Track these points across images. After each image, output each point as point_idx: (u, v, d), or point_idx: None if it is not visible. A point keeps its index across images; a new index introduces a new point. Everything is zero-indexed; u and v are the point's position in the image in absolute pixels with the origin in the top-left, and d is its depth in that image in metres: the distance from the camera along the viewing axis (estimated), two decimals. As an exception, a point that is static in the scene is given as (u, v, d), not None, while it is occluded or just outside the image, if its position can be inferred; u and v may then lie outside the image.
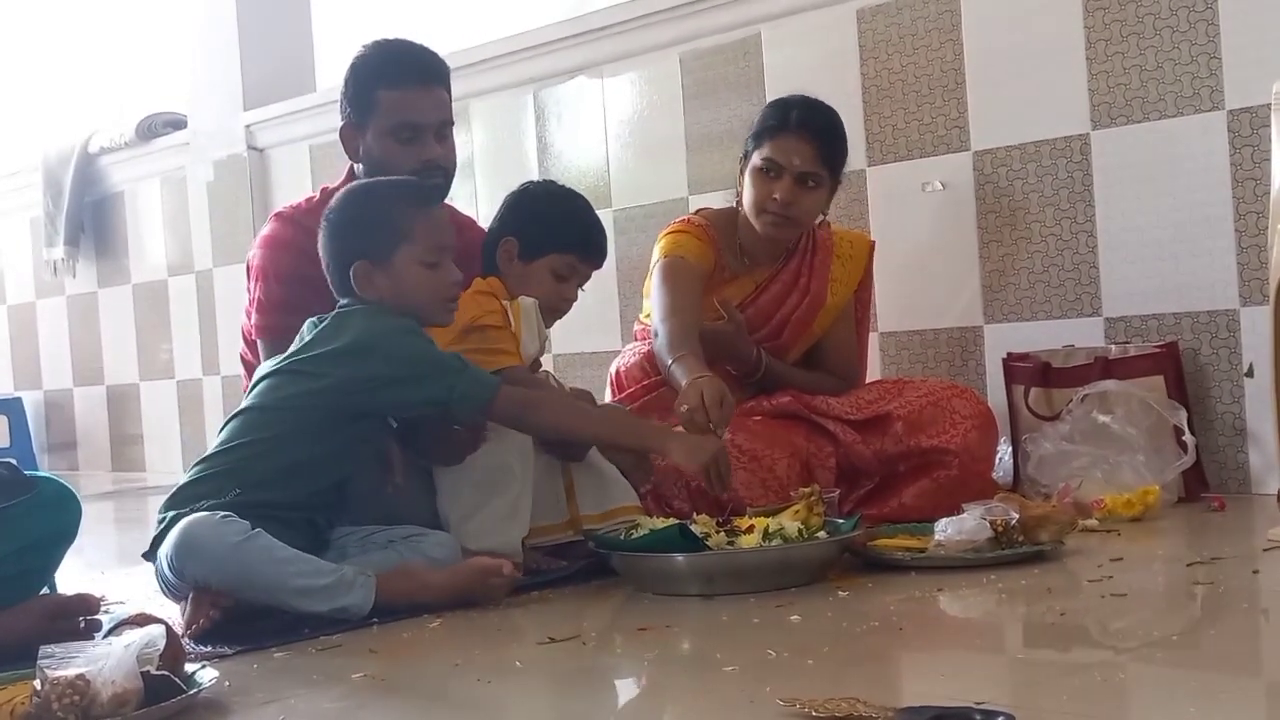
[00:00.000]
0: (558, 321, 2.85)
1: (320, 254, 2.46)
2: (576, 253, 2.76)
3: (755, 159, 2.96)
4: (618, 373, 3.16)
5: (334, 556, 2.34)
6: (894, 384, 3.04)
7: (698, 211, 3.20)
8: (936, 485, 2.86)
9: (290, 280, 2.70)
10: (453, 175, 2.82)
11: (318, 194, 2.85)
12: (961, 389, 3.01)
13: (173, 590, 2.25)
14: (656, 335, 2.85)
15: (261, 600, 2.18)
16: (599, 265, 2.84)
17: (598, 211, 2.92)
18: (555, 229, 2.76)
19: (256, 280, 2.78)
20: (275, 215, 2.86)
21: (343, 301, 2.45)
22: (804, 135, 2.92)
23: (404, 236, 2.39)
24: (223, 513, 2.20)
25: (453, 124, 2.82)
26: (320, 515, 2.40)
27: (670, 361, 2.71)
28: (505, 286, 2.73)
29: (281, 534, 2.21)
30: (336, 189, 2.86)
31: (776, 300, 3.07)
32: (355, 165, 2.81)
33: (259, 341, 2.68)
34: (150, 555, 2.32)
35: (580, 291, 2.82)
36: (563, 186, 2.95)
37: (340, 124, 2.81)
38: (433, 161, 2.74)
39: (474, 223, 3.08)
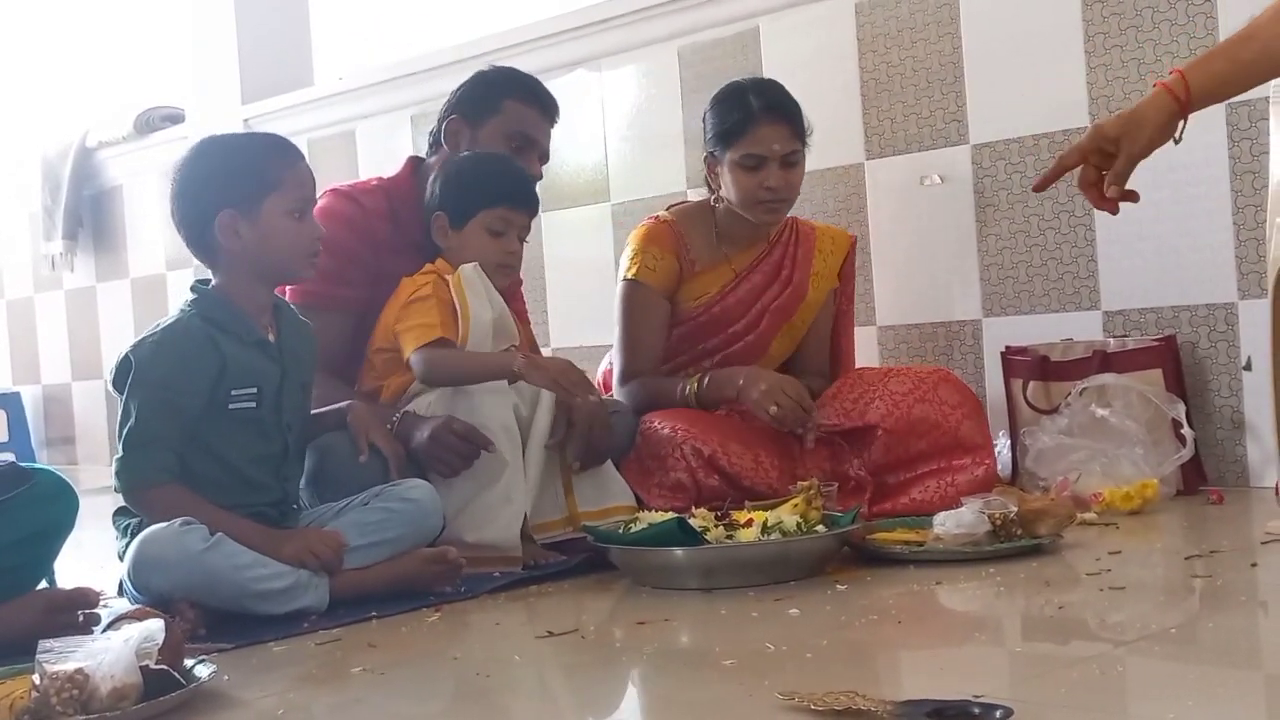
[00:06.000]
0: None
1: (172, 212, 2.43)
2: (504, 204, 2.75)
3: (733, 155, 2.92)
4: (605, 375, 3.17)
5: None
6: (876, 380, 2.94)
7: (670, 208, 3.18)
8: (947, 484, 2.81)
9: (339, 253, 2.76)
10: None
11: (374, 180, 3.00)
12: (945, 374, 2.95)
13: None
14: (626, 389, 2.98)
15: (223, 607, 2.18)
16: (532, 212, 2.83)
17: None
18: (476, 187, 2.76)
19: None
20: (331, 190, 2.94)
21: (193, 290, 2.40)
22: (775, 120, 2.92)
23: (273, 185, 2.37)
24: (181, 520, 2.20)
25: (548, 160, 3.01)
26: (270, 509, 2.39)
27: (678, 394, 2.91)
28: (449, 263, 2.74)
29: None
30: (395, 179, 2.97)
31: (757, 290, 3.06)
32: (441, 154, 2.93)
33: (301, 308, 2.67)
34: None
35: (523, 245, 2.81)
36: (482, 151, 2.92)
37: (447, 115, 2.96)
38: (534, 178, 2.93)
39: None
